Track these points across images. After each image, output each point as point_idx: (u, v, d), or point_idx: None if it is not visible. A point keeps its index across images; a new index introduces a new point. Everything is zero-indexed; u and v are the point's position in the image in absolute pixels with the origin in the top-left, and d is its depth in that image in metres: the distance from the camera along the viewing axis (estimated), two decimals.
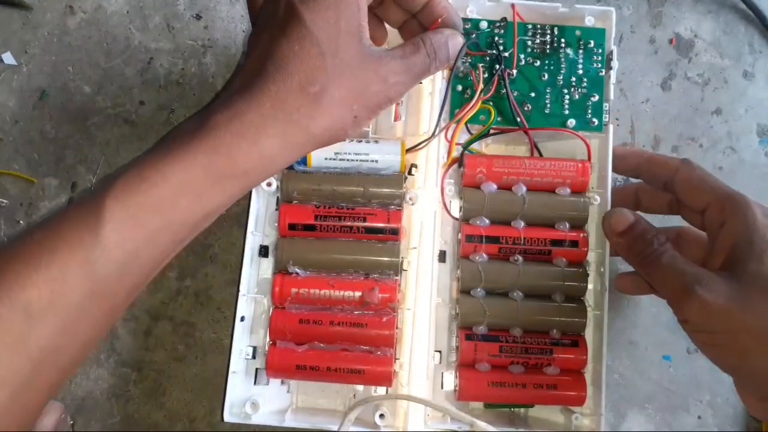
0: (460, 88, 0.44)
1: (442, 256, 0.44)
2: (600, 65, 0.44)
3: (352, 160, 0.43)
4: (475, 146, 0.45)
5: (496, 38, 0.44)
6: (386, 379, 0.41)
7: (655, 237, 0.36)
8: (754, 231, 0.34)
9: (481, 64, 0.44)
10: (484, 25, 0.44)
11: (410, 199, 0.43)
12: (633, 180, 0.46)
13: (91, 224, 0.28)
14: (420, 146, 0.43)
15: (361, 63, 0.32)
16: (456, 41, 0.37)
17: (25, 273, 0.27)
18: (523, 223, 0.42)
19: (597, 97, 0.44)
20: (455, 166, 0.44)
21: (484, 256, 0.42)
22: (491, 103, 0.43)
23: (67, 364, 0.29)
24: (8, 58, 0.51)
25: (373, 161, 0.43)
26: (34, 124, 0.50)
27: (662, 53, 0.51)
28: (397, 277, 0.42)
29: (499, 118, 0.44)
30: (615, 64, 0.43)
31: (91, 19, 0.51)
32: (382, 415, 0.41)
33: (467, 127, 0.44)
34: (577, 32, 0.44)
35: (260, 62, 0.31)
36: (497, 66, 0.43)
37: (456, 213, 0.43)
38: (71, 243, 0.27)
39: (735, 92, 0.50)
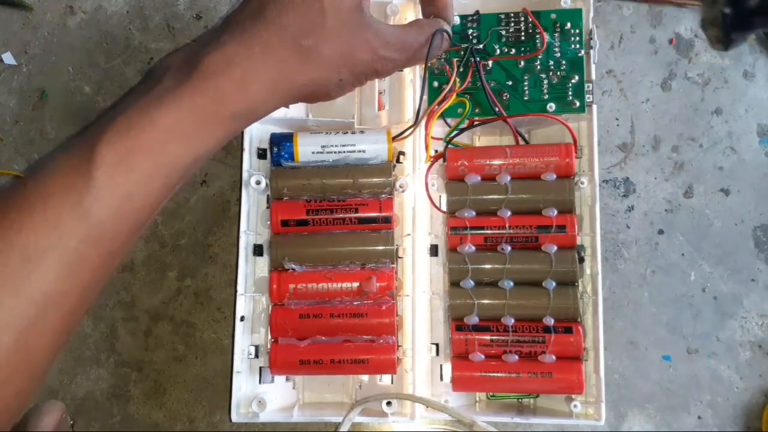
0: (436, 84, 0.44)
1: (434, 250, 0.44)
2: (578, 46, 0.44)
3: (340, 152, 0.43)
4: (465, 140, 0.45)
5: (470, 31, 0.44)
6: (390, 366, 0.41)
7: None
8: None
9: (455, 59, 0.44)
10: (456, 20, 0.44)
11: (400, 186, 0.43)
12: None
13: (82, 169, 0.28)
14: (405, 134, 0.43)
15: (357, 28, 0.32)
16: (448, 36, 0.38)
17: (20, 219, 0.27)
18: (509, 212, 0.42)
19: (577, 78, 0.43)
20: (440, 161, 0.44)
21: (472, 247, 0.42)
22: (468, 96, 0.43)
23: (69, 309, 0.29)
24: (8, 59, 0.51)
25: (360, 152, 0.43)
26: (34, 124, 0.50)
27: (662, 53, 0.51)
28: (393, 265, 0.42)
29: (477, 110, 0.44)
30: (595, 42, 0.43)
31: (91, 19, 0.51)
32: (389, 403, 0.41)
33: (446, 121, 0.44)
34: (553, 15, 0.44)
35: (258, 8, 0.31)
36: (472, 59, 0.43)
37: (444, 207, 0.43)
38: (64, 188, 0.28)
39: (735, 92, 0.50)
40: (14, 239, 0.27)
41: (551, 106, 0.43)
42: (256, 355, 0.43)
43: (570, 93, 0.43)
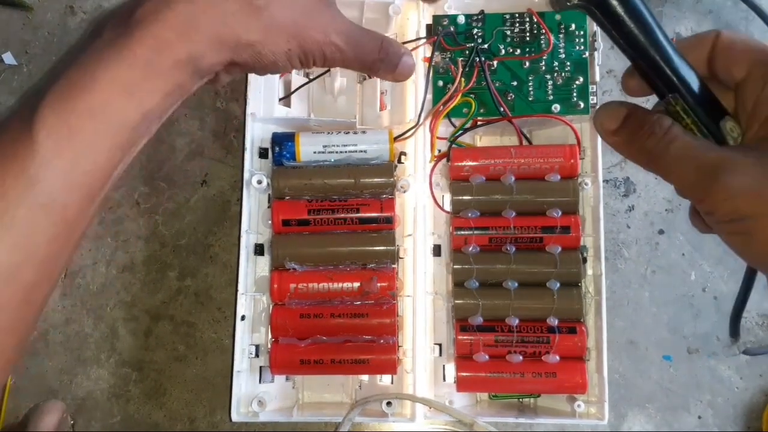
0: (441, 83, 0.44)
1: (437, 250, 0.44)
2: (583, 47, 0.44)
3: (341, 152, 0.43)
4: (467, 140, 0.45)
5: (475, 31, 0.44)
6: (391, 367, 0.41)
7: (656, 124, 0.30)
8: None
9: (461, 59, 0.44)
10: (461, 19, 0.44)
11: (402, 187, 0.43)
12: None
13: (24, 134, 0.27)
14: (407, 134, 0.43)
15: (312, 5, 0.31)
16: (410, 61, 0.36)
17: None
18: (513, 213, 0.42)
19: (581, 80, 0.44)
20: (444, 160, 0.44)
21: (476, 247, 0.42)
22: (473, 96, 0.43)
23: (28, 282, 0.28)
24: (9, 59, 0.51)
25: (362, 152, 0.43)
26: None
27: None
28: (394, 266, 0.42)
29: (482, 110, 0.44)
30: (600, 44, 0.43)
31: (91, 19, 0.51)
32: (389, 403, 0.41)
33: (451, 121, 0.44)
34: (557, 17, 0.44)
35: None
36: (477, 59, 0.43)
37: (447, 207, 0.43)
38: (6, 155, 0.27)
39: None
40: None
41: (556, 107, 0.43)
42: (257, 355, 0.43)
43: (574, 94, 0.44)
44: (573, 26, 0.44)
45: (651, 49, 0.30)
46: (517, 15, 0.44)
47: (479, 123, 0.44)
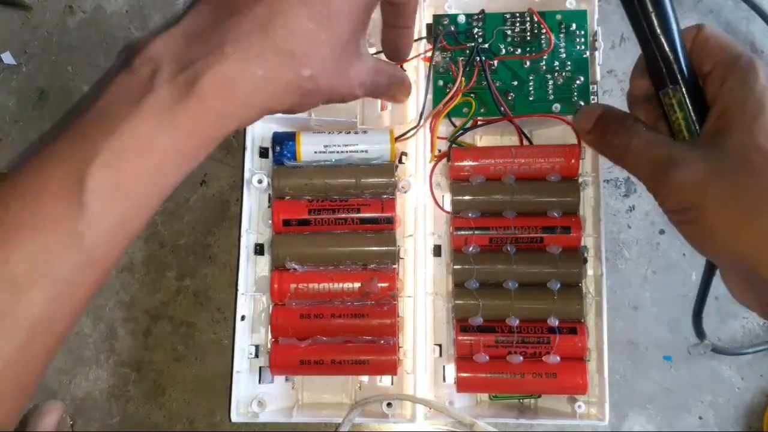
0: (441, 83, 0.44)
1: (437, 251, 0.44)
2: (583, 47, 0.44)
3: (342, 152, 0.43)
4: (467, 140, 0.45)
5: (476, 30, 0.44)
6: (391, 368, 0.41)
7: (622, 122, 0.33)
8: (749, 94, 0.29)
9: (461, 58, 0.44)
10: (461, 19, 0.44)
11: (402, 187, 0.43)
12: None
13: (74, 194, 0.27)
14: (408, 135, 0.43)
15: (349, 63, 0.32)
16: (407, 85, 0.37)
17: (5, 248, 0.26)
18: (514, 213, 0.42)
19: (582, 80, 0.43)
20: (444, 160, 0.44)
21: (477, 247, 0.42)
22: (473, 95, 0.43)
23: (61, 330, 0.28)
24: (8, 58, 0.51)
25: (363, 152, 0.43)
26: (33, 124, 0.50)
27: None
28: (395, 266, 0.42)
29: (482, 110, 0.44)
30: (600, 44, 0.43)
31: (90, 19, 0.51)
32: (389, 404, 0.41)
33: (451, 121, 0.44)
34: (558, 16, 0.44)
35: (265, 20, 0.29)
36: (477, 58, 0.43)
37: (448, 207, 0.43)
38: (54, 214, 0.27)
39: None
40: (3, 268, 0.26)
41: (557, 107, 0.43)
42: (257, 355, 0.43)
43: (575, 94, 0.43)
44: (574, 26, 0.44)
45: (664, 36, 0.31)
46: (517, 14, 0.44)
47: (479, 123, 0.44)
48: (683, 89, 0.31)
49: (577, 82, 0.43)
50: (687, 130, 0.32)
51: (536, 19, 0.44)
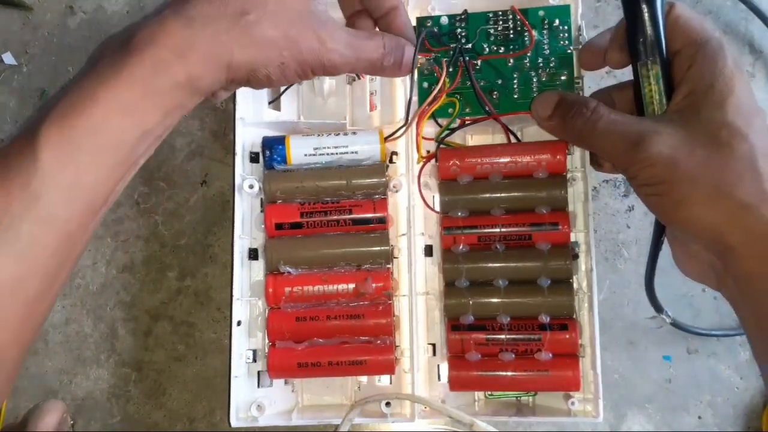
0: (426, 85, 0.44)
1: (429, 251, 0.44)
2: (567, 42, 0.43)
3: (333, 154, 0.43)
4: (457, 140, 0.45)
5: (459, 30, 0.44)
6: (388, 367, 0.41)
7: (583, 105, 0.34)
8: (719, 75, 0.32)
9: (445, 59, 0.43)
10: (444, 20, 0.44)
11: (394, 186, 0.43)
12: None
13: (27, 151, 0.28)
14: (397, 134, 0.43)
15: (304, 13, 0.32)
16: (411, 52, 0.37)
17: None
18: (502, 211, 0.42)
19: (566, 75, 0.43)
20: (433, 161, 0.44)
21: (465, 246, 0.42)
22: (458, 96, 0.43)
23: (31, 296, 0.29)
24: (8, 59, 0.51)
25: (353, 153, 0.43)
26: None
27: None
28: (389, 266, 0.42)
29: (467, 109, 0.43)
30: (584, 38, 0.43)
31: (91, 19, 0.51)
32: (388, 404, 0.41)
33: (437, 122, 0.44)
34: (541, 12, 0.43)
35: None
36: (461, 59, 0.43)
37: (437, 207, 0.44)
38: (10, 171, 0.28)
39: None
40: None
41: None
42: (254, 359, 0.43)
43: (560, 90, 0.43)
44: (557, 21, 0.43)
45: (649, 9, 0.33)
46: (500, 13, 0.44)
47: (466, 122, 0.44)
48: (659, 63, 0.33)
49: (562, 77, 0.43)
50: (658, 103, 0.33)
51: (519, 17, 0.44)
